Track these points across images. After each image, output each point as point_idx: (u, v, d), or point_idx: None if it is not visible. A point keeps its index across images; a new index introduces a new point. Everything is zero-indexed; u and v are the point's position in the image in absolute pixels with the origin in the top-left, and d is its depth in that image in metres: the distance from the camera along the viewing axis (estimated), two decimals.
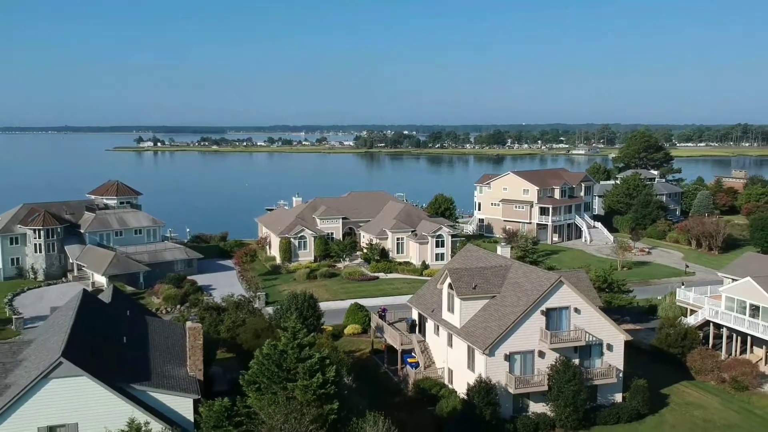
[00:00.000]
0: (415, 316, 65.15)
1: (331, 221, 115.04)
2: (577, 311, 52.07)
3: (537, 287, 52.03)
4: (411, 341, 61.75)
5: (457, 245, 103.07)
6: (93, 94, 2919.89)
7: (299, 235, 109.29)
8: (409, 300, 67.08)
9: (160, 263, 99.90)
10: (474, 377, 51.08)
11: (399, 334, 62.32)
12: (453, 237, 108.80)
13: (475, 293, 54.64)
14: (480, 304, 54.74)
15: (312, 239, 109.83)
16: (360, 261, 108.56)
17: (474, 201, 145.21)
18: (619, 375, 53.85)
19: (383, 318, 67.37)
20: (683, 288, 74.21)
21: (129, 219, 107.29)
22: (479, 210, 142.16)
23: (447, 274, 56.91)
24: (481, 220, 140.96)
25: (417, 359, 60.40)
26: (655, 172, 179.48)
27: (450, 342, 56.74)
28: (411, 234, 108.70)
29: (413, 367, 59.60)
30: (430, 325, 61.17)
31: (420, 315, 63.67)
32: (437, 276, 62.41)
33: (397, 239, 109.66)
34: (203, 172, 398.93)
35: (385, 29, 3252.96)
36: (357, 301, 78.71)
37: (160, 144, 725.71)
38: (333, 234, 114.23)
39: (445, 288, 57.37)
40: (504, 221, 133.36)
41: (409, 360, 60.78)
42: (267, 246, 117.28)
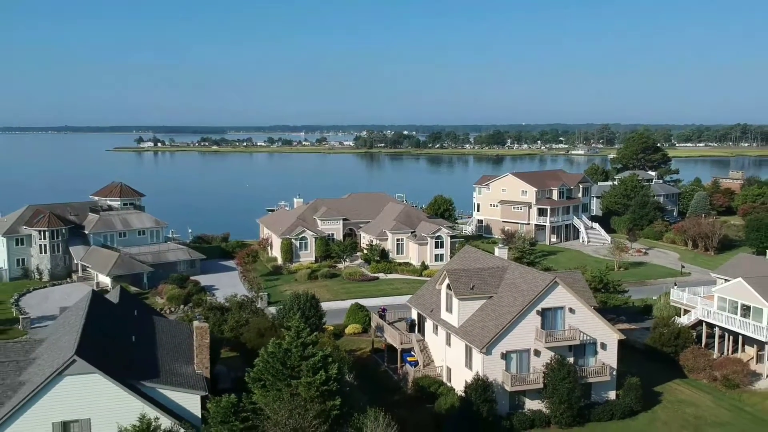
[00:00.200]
0: (415, 315, 66.64)
1: (332, 222, 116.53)
2: (572, 311, 53.59)
3: (533, 288, 53.55)
4: (410, 340, 63.25)
5: (456, 246, 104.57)
6: (93, 94, 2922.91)
7: (300, 236, 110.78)
8: (409, 300, 68.57)
9: (163, 264, 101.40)
10: (471, 375, 52.60)
11: (399, 333, 63.82)
12: (452, 238, 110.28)
13: (473, 294, 56.16)
14: (477, 304, 56.26)
15: (313, 240, 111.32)
16: (360, 262, 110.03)
17: (473, 202, 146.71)
18: (613, 373, 55.35)
19: (383, 318, 68.85)
20: (675, 288, 75.77)
21: (132, 220, 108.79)
22: (478, 211, 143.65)
23: (445, 274, 58.45)
24: (480, 221, 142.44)
25: (416, 358, 61.90)
26: (653, 173, 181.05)
27: (448, 341, 58.25)
28: (411, 235, 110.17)
29: (413, 366, 61.13)
30: (429, 325, 62.66)
31: (419, 315, 65.17)
32: (436, 277, 63.88)
33: (397, 240, 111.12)
34: (203, 172, 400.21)
35: (385, 29, 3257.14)
36: (357, 301, 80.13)
37: (160, 144, 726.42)
38: (333, 235, 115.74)
39: (444, 288, 58.88)
40: (503, 222, 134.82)
41: (409, 359, 62.29)
42: (268, 247, 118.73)
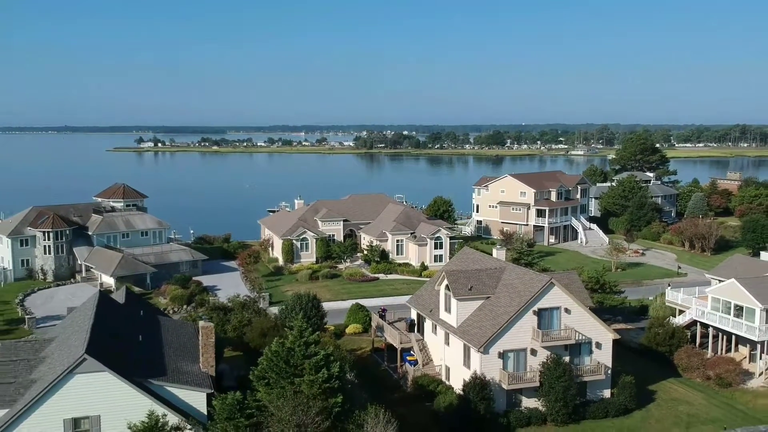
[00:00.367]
0: (414, 315, 67.86)
1: (333, 223, 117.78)
2: (568, 311, 54.86)
3: (529, 288, 54.83)
4: (410, 340, 64.47)
5: (455, 247, 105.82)
6: (92, 94, 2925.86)
7: (301, 237, 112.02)
8: (409, 300, 69.81)
9: (166, 264, 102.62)
10: (469, 374, 53.87)
11: (398, 333, 65.05)
12: (451, 239, 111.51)
13: (471, 294, 57.42)
14: (475, 304, 57.51)
15: (314, 241, 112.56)
16: (360, 262, 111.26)
17: (472, 203, 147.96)
18: (608, 372, 56.62)
19: (383, 318, 70.01)
20: (670, 289, 77.08)
21: (135, 221, 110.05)
22: (477, 212, 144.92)
23: (444, 275, 59.73)
24: (479, 221, 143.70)
25: (416, 357, 63.12)
26: (651, 174, 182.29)
27: (447, 341, 59.50)
28: (410, 236, 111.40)
29: (412, 365, 62.36)
30: (428, 325, 63.90)
31: (419, 315, 66.42)
32: (435, 277, 65.12)
33: (397, 241, 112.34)
34: (204, 172, 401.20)
35: (385, 29, 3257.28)
36: (358, 302, 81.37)
37: (160, 144, 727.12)
38: (334, 236, 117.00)
39: (443, 289, 60.14)
40: (501, 223, 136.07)
41: (408, 358, 63.51)
42: (270, 247, 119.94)
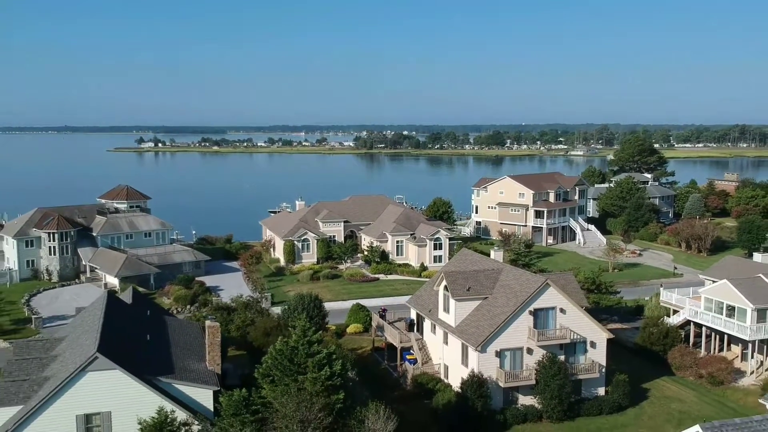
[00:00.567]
0: (414, 315, 69.31)
1: (333, 224, 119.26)
2: (563, 311, 56.37)
3: (525, 289, 56.33)
4: (410, 339, 65.92)
5: (455, 248, 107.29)
6: (93, 94, 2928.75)
7: (302, 238, 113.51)
8: (408, 300, 71.29)
9: (169, 265, 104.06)
10: (467, 372, 55.35)
11: (398, 332, 66.53)
12: (450, 240, 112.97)
13: (469, 295, 58.93)
14: (473, 304, 59.01)
15: (315, 242, 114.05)
16: (361, 263, 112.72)
17: (471, 204, 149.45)
18: (602, 370, 58.10)
19: (383, 317, 71.45)
20: (662, 289, 78.63)
21: (139, 222, 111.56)
22: (476, 213, 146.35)
23: (443, 276, 61.24)
24: (479, 222, 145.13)
25: (415, 356, 64.57)
26: (649, 175, 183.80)
27: (446, 340, 60.99)
28: (410, 237, 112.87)
29: (412, 364, 63.82)
30: (427, 324, 65.39)
31: (418, 315, 67.88)
32: (434, 278, 66.62)
33: (397, 242, 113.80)
34: (204, 173, 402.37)
35: (385, 29, 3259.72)
36: (358, 302, 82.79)
37: (160, 145, 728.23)
38: (335, 237, 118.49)
39: (441, 290, 61.64)
40: (500, 224, 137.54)
41: (408, 357, 64.94)
42: (271, 248, 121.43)
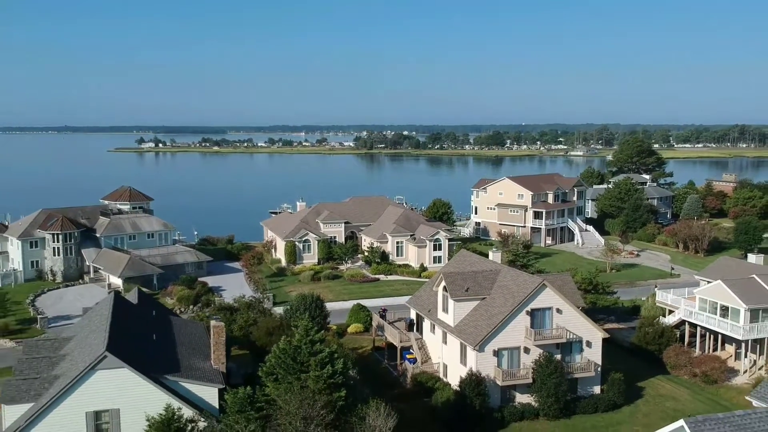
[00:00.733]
0: (414, 315, 70.51)
1: (334, 225, 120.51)
2: (559, 311, 57.59)
3: (523, 290, 57.57)
4: (409, 339, 67.14)
5: (454, 249, 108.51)
6: (93, 94, 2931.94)
7: (304, 239, 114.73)
8: (408, 301, 72.50)
9: (172, 265, 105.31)
10: (466, 371, 56.59)
11: (398, 332, 67.75)
12: (450, 241, 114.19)
13: (468, 295, 60.17)
14: (472, 305, 60.24)
15: (316, 242, 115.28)
16: (361, 263, 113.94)
17: (471, 205, 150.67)
18: (598, 369, 59.33)
19: (384, 317, 72.64)
20: (656, 290, 79.91)
21: (142, 223, 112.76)
22: (476, 214, 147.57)
23: (442, 277, 62.47)
24: (478, 223, 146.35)
25: (415, 355, 65.79)
26: (647, 176, 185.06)
27: (445, 339, 62.23)
28: (410, 238, 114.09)
29: (411, 363, 65.04)
30: (426, 324, 66.62)
31: (418, 315, 69.10)
32: (433, 279, 67.82)
33: (397, 243, 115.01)
34: (205, 173, 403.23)
35: (385, 29, 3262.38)
36: (359, 302, 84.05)
37: (161, 145, 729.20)
38: (336, 237, 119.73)
39: (440, 290, 62.87)
40: (499, 225, 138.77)
41: (408, 356, 66.15)
42: (273, 249, 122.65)
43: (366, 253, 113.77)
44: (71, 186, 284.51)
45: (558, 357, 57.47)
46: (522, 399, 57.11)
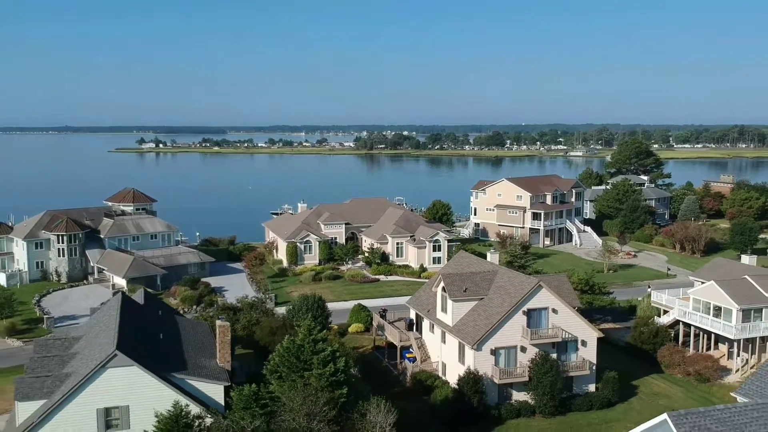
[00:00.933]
0: (413, 315, 72.02)
1: (335, 226, 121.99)
2: (555, 311, 59.08)
3: (519, 290, 59.07)
4: (409, 338, 68.62)
5: (453, 249, 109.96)
6: (93, 94, 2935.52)
7: (305, 240, 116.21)
8: (408, 301, 74.01)
9: (175, 266, 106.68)
10: (464, 369, 58.09)
11: (398, 331, 69.24)
12: (449, 241, 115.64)
13: (466, 296, 61.68)
14: (470, 305, 61.73)
15: (317, 243, 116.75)
16: (362, 264, 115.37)
17: (470, 206, 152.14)
18: (593, 368, 60.77)
19: (384, 317, 74.11)
20: (649, 290, 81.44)
21: (145, 225, 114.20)
22: (475, 215, 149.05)
23: (441, 278, 63.98)
24: (477, 224, 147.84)
25: (414, 354, 67.29)
26: (645, 177, 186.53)
27: (443, 339, 63.72)
28: (410, 239, 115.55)
29: (411, 362, 66.56)
30: (426, 324, 68.13)
31: (417, 314, 70.60)
32: (432, 280, 69.35)
33: (397, 244, 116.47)
34: (206, 174, 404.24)
35: (385, 29, 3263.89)
36: (360, 302, 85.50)
37: (161, 145, 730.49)
38: (336, 238, 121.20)
39: (439, 291, 64.37)
40: (498, 225, 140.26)
41: (408, 355, 67.64)
42: (274, 250, 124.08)
43: (366, 254, 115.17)
44: (73, 187, 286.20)
45: (554, 356, 58.91)
46: (519, 397, 58.55)
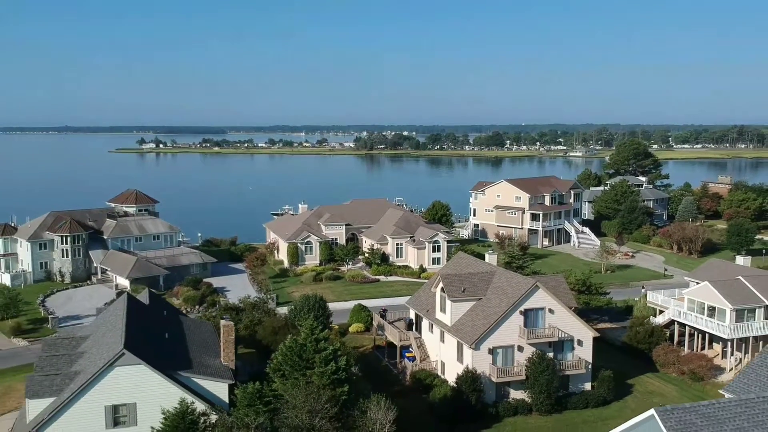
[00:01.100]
0: (413, 315, 73.24)
1: (335, 227, 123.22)
2: (551, 311, 60.30)
3: (516, 291, 60.32)
4: (409, 338, 69.85)
5: (452, 250, 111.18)
6: (93, 94, 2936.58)
7: (305, 241, 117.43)
8: (407, 301, 75.24)
9: (177, 267, 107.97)
10: (462, 368, 59.29)
11: (398, 331, 70.47)
12: (449, 242, 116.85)
13: (464, 296, 62.92)
14: (468, 305, 62.97)
15: (317, 244, 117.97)
16: (362, 264, 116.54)
17: (469, 207, 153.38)
18: (588, 367, 62.02)
19: (384, 317, 75.32)
20: (643, 290, 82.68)
21: (148, 226, 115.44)
22: (474, 215, 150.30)
23: (440, 279, 65.23)
24: (476, 225, 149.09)
25: (414, 354, 68.51)
26: (643, 178, 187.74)
27: (442, 338, 64.96)
28: (410, 239, 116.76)
29: (411, 361, 67.79)
30: (425, 324, 69.37)
31: (416, 315, 71.83)
32: (431, 280, 70.57)
33: (397, 244, 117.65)
34: (207, 175, 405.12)
35: (386, 29, 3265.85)
36: (360, 302, 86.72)
37: (162, 145, 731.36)
38: (337, 239, 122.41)
39: (438, 291, 65.62)
40: (497, 226, 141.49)
41: (407, 354, 68.86)
42: (275, 250, 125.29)
43: (366, 255, 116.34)
44: (74, 187, 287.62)
45: (550, 355, 60.13)
46: (516, 395, 59.77)
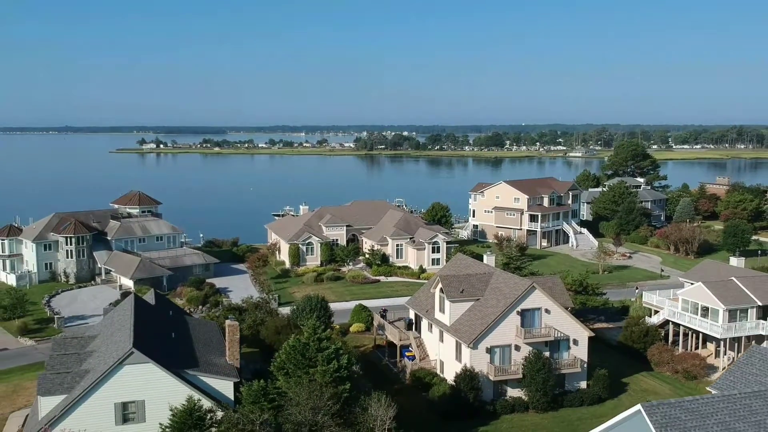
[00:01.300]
0: (412, 315, 74.67)
1: (336, 228, 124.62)
2: (548, 311, 61.76)
3: (514, 291, 61.79)
4: (408, 337, 71.31)
5: (451, 251, 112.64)
6: (93, 94, 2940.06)
7: (307, 242, 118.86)
8: (407, 301, 76.69)
9: (180, 267, 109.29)
10: (461, 367, 60.75)
11: (398, 331, 71.93)
12: (448, 243, 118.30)
13: (463, 296, 64.39)
14: (466, 305, 64.45)
15: (318, 245, 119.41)
16: (363, 265, 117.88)
17: (469, 208, 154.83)
18: (584, 365, 63.43)
19: (384, 317, 76.78)
20: (636, 291, 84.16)
21: (151, 227, 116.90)
22: (473, 216, 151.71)
23: (439, 280, 66.73)
24: (476, 225, 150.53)
25: (413, 353, 69.96)
26: (642, 179, 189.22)
27: (441, 338, 66.43)
28: (409, 240, 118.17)
29: (410, 360, 69.25)
30: (424, 324, 70.84)
31: (416, 314, 73.28)
32: (431, 281, 72.02)
33: (397, 245, 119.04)
34: (207, 175, 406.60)
35: (386, 29, 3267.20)
36: (361, 302, 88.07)
37: (162, 146, 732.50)
38: (337, 240, 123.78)
39: (437, 292, 67.09)
40: (496, 227, 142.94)
41: (407, 353, 70.26)
42: (277, 251, 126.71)
43: (367, 256, 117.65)
44: (76, 187, 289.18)
45: (546, 354, 61.55)
46: (513, 393, 61.22)
